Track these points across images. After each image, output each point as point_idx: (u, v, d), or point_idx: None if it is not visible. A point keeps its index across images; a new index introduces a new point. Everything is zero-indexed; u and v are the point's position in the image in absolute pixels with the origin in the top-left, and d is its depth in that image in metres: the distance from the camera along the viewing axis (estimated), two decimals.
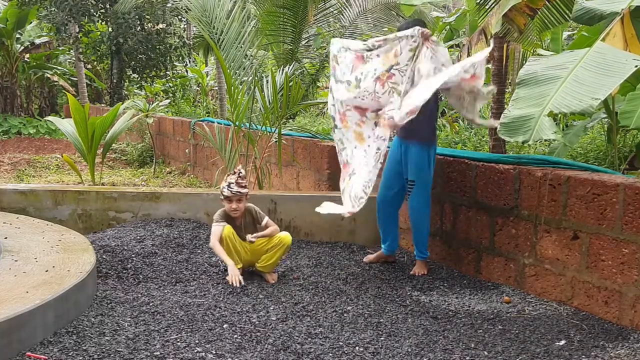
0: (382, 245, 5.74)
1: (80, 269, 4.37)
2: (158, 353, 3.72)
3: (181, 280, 5.12)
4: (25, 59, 19.36)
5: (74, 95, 11.61)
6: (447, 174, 5.70)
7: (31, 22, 19.21)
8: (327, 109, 5.61)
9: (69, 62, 21.58)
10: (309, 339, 4.06)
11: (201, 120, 10.66)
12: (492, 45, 5.15)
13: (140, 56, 16.06)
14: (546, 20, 6.29)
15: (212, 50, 9.39)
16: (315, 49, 12.56)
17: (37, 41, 20.14)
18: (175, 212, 6.48)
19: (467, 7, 10.88)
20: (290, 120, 11.25)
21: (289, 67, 7.86)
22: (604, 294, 4.38)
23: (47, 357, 3.56)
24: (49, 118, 11.58)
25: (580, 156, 7.25)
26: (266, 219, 5.32)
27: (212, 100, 19.04)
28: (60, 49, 20.45)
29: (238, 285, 4.94)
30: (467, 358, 3.84)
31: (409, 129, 5.18)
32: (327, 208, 5.21)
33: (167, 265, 5.39)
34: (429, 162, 5.38)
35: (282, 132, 7.47)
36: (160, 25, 16.23)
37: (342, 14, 12.21)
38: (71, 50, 19.05)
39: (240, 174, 5.23)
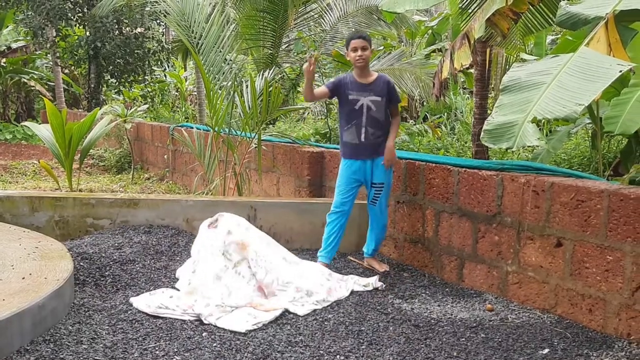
0: (329, 256, 5.73)
1: (58, 276, 4.34)
2: None
3: (160, 287, 5.08)
4: (2, 64, 19.14)
5: (51, 100, 11.51)
6: (429, 180, 5.66)
7: (7, 26, 19.03)
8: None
9: (46, 66, 21.36)
10: (289, 348, 4.04)
11: (180, 126, 10.57)
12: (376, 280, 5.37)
13: (118, 60, 15.94)
14: (530, 25, 6.29)
15: (191, 54, 9.29)
16: (295, 54, 12.49)
17: (14, 45, 19.96)
18: (154, 218, 6.43)
19: (450, 11, 10.87)
20: (270, 126, 11.21)
21: (269, 72, 7.84)
22: (588, 301, 4.34)
23: None
24: (26, 123, 11.40)
25: (564, 162, 7.25)
26: None
27: (191, 105, 18.93)
28: (37, 53, 20.26)
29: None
30: None
31: (374, 149, 5.53)
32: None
33: (145, 273, 5.36)
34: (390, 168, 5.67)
35: (262, 138, 7.43)
36: (139, 29, 16.16)
37: (322, 18, 12.16)
38: (48, 55, 18.85)
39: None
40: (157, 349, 3.92)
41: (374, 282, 5.31)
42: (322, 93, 5.57)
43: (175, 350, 3.92)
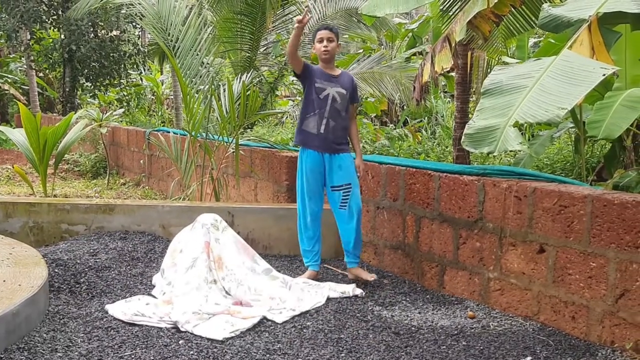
0: (313, 263, 5.60)
1: (32, 283, 4.30)
2: None
3: (136, 294, 5.04)
4: None
5: (25, 104, 11.35)
6: (409, 185, 5.59)
7: None
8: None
9: (20, 70, 21.14)
10: (268, 356, 4.00)
11: (156, 130, 10.46)
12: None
13: (93, 64, 15.81)
14: (512, 27, 6.28)
15: (167, 58, 9.20)
16: (274, 57, 12.42)
17: None
18: (130, 224, 6.37)
19: (431, 14, 10.87)
20: (248, 130, 11.11)
21: (246, 75, 7.77)
22: (571, 309, 4.30)
23: None
24: None
25: (546, 167, 7.24)
26: None
27: (167, 109, 18.83)
28: (11, 56, 20.08)
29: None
30: None
31: (331, 144, 5.39)
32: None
33: (121, 280, 5.32)
34: (354, 166, 5.52)
35: (239, 143, 7.36)
36: (114, 32, 16.07)
37: None
38: (22, 58, 18.65)
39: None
40: (133, 357, 3.88)
41: (351, 290, 5.23)
42: (300, 61, 5.41)
43: (152, 358, 3.87)
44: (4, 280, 4.30)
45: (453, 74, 6.78)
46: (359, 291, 5.22)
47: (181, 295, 4.82)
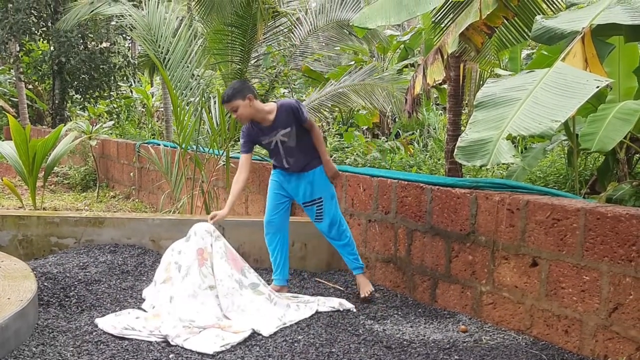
0: (280, 277, 5.59)
1: (21, 296, 4.28)
2: None
3: (126, 308, 5.03)
4: None
5: (14, 117, 11.26)
6: (401, 198, 5.56)
7: None
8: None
9: (9, 82, 21.03)
10: None
11: (146, 143, 10.44)
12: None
13: (83, 76, 15.76)
14: (504, 39, 6.27)
15: (157, 70, 9.18)
16: (264, 69, 12.38)
17: None
18: (120, 237, 6.33)
19: (423, 26, 10.85)
20: (239, 143, 11.06)
21: None
22: (564, 322, 4.28)
23: None
24: None
25: (539, 180, 7.23)
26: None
27: (157, 121, 18.75)
28: (0, 68, 19.95)
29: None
30: None
31: (304, 163, 5.39)
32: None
33: (111, 293, 5.30)
34: (326, 178, 5.48)
35: (230, 155, 7.33)
36: (104, 44, 16.00)
37: (292, 33, 12.07)
38: (11, 70, 18.57)
39: None
40: None
41: (337, 304, 5.19)
42: (246, 162, 5.48)
43: None
44: None
45: (445, 86, 6.78)
46: (350, 305, 5.17)
47: (179, 304, 4.81)
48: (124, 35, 16.52)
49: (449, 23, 6.37)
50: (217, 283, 4.96)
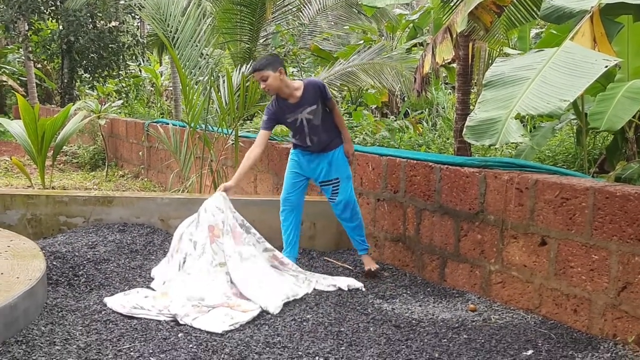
0: (290, 254, 5.60)
1: (30, 275, 4.27)
2: None
3: (135, 287, 5.02)
4: None
5: (23, 96, 11.33)
6: (410, 177, 5.56)
7: None
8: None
9: (18, 61, 21.09)
10: (267, 349, 3.98)
11: (155, 122, 10.44)
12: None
13: (92, 55, 15.70)
14: (513, 18, 6.23)
15: (166, 49, 9.16)
16: (273, 48, 12.36)
17: None
18: (129, 216, 6.33)
19: (431, 5, 10.78)
20: (248, 122, 11.08)
21: (246, 67, 7.74)
22: (573, 301, 4.28)
23: None
24: None
25: (548, 159, 7.20)
26: None
27: (166, 100, 18.76)
28: (9, 47, 20.02)
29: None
30: None
31: (326, 143, 5.46)
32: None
33: (120, 272, 5.30)
34: (345, 159, 5.56)
35: (239, 134, 7.33)
36: (113, 23, 15.94)
37: (301, 12, 12.07)
38: (20, 49, 18.57)
39: None
40: (132, 350, 3.87)
41: (347, 284, 5.20)
42: (264, 139, 5.45)
43: (151, 351, 3.86)
44: (2, 273, 4.29)
45: (454, 65, 6.75)
46: (359, 284, 5.19)
47: (191, 282, 4.84)
48: (132, 14, 16.47)
49: (458, 2, 6.35)
50: (226, 259, 4.99)
